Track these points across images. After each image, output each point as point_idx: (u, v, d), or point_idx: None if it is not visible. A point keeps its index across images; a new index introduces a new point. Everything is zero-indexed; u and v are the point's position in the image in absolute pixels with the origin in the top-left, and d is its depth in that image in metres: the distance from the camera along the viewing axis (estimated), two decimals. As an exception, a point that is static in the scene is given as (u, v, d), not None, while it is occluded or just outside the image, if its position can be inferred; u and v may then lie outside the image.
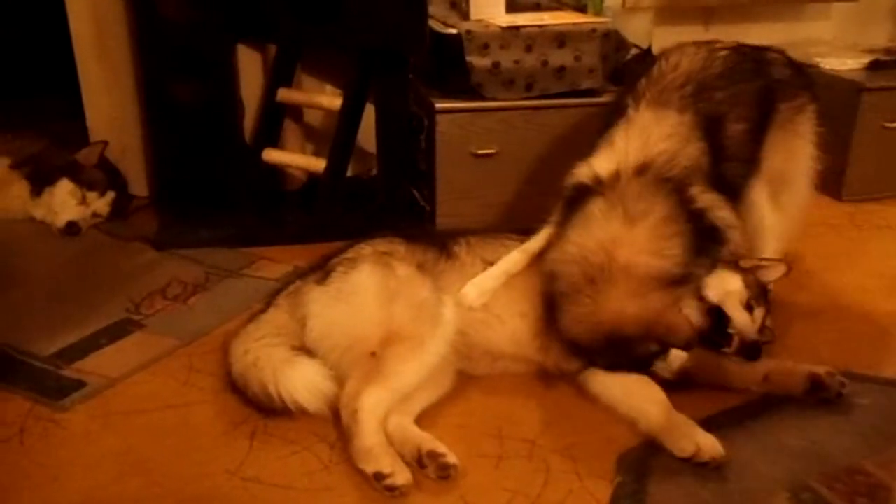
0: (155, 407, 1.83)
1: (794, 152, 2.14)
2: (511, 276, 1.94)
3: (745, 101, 2.01)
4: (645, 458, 1.67)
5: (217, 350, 2.00)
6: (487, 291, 1.92)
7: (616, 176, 1.85)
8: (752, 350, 1.82)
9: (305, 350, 1.82)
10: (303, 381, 1.72)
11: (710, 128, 1.93)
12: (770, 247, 2.14)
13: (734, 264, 1.90)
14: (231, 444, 1.71)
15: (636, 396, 1.77)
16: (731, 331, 1.82)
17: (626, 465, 1.66)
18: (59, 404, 1.83)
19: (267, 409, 1.75)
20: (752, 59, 2.10)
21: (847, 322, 2.21)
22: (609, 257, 1.76)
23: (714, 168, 1.91)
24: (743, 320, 1.82)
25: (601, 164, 1.89)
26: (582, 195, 1.88)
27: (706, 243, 1.83)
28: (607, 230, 1.80)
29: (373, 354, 1.74)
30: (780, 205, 2.14)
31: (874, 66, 3.06)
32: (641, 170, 1.85)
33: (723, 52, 2.06)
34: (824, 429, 1.76)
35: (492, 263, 1.95)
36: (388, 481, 1.56)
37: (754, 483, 1.61)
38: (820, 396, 1.82)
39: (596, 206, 1.83)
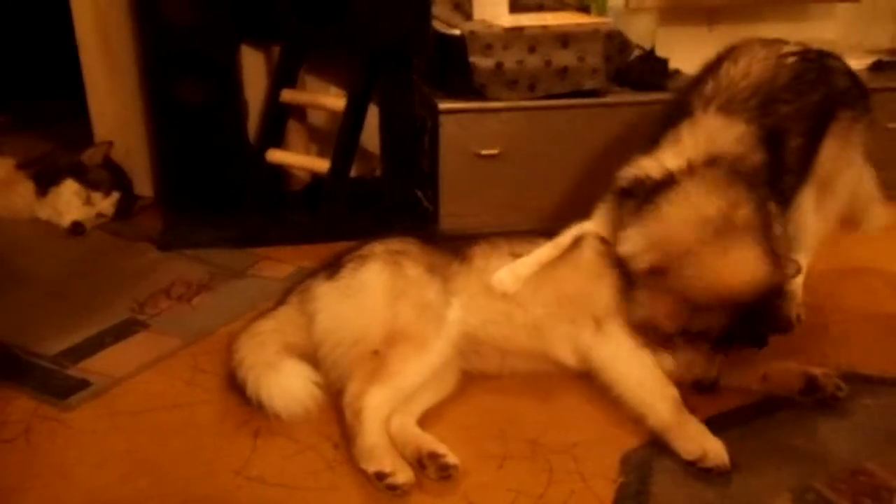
0: (160, 406, 1.84)
1: (845, 161, 2.15)
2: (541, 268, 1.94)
3: (807, 115, 2.02)
4: (648, 459, 1.68)
5: (221, 350, 2.01)
6: (522, 278, 1.92)
7: (688, 169, 1.85)
8: (784, 325, 1.94)
9: (301, 348, 1.83)
10: (282, 389, 1.73)
11: (772, 141, 1.94)
12: (805, 248, 2.16)
13: None
14: (236, 444, 1.72)
15: (650, 391, 1.76)
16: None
17: (629, 466, 1.66)
18: (64, 403, 1.84)
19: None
20: (817, 68, 2.10)
21: (852, 323, 2.21)
22: (727, 218, 1.75)
23: (775, 180, 1.93)
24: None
25: (669, 159, 1.88)
26: (646, 189, 1.86)
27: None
28: (713, 198, 1.79)
29: (375, 353, 1.74)
30: (823, 210, 2.16)
31: (877, 67, 3.06)
32: (711, 163, 1.85)
33: (790, 60, 2.06)
34: (828, 430, 1.77)
35: (520, 255, 1.96)
36: (390, 480, 1.57)
37: (758, 484, 1.61)
38: (815, 397, 1.83)
39: (681, 189, 1.82)
